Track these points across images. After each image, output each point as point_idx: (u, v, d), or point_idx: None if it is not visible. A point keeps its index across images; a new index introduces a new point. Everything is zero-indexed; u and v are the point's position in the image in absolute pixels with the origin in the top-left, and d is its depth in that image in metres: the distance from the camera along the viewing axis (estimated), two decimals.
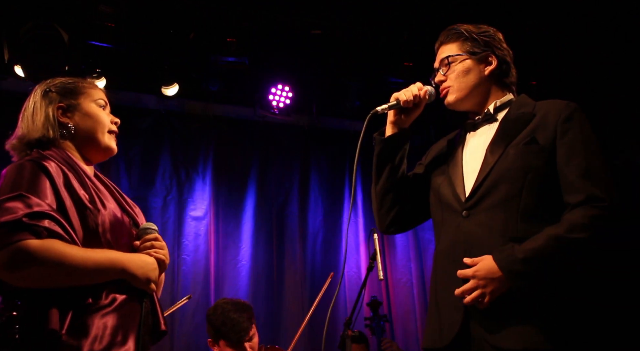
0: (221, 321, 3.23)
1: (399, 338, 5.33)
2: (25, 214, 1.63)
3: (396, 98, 2.15)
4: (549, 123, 1.94)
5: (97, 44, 4.45)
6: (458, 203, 1.99)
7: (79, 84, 2.03)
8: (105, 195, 1.87)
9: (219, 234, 5.13)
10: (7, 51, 4.28)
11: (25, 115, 1.99)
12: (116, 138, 2.02)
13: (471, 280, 1.83)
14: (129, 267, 1.76)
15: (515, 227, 1.86)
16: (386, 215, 2.20)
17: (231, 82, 5.12)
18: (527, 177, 1.89)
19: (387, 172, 2.17)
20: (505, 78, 2.13)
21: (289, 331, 4.99)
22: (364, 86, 5.29)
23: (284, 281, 5.22)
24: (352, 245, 5.51)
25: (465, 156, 2.09)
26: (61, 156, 1.86)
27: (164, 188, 5.05)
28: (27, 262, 1.62)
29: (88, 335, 1.64)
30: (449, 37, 2.17)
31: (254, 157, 5.45)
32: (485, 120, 2.10)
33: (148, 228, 1.90)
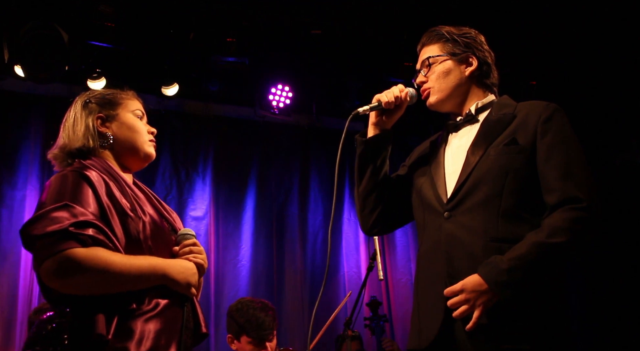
0: (246, 318, 3.27)
1: (398, 338, 5.33)
2: (71, 223, 1.68)
3: (378, 100, 2.16)
4: (529, 124, 1.95)
5: (97, 44, 4.45)
6: (440, 204, 1.99)
7: (118, 95, 2.10)
8: (145, 203, 1.93)
9: (219, 234, 5.13)
10: (7, 51, 4.28)
11: (66, 126, 2.03)
12: (155, 146, 2.08)
13: (460, 294, 1.82)
14: (170, 273, 1.81)
15: (495, 228, 1.86)
16: (369, 216, 2.20)
17: (231, 82, 5.13)
18: (507, 178, 1.90)
19: (369, 173, 2.17)
20: (486, 79, 2.13)
21: (289, 331, 4.99)
22: (364, 86, 5.29)
23: (284, 281, 5.23)
24: (352, 245, 5.51)
25: (447, 157, 2.10)
26: (101, 165, 1.91)
27: (164, 188, 5.05)
28: (74, 269, 1.67)
29: (133, 339, 1.70)
30: (430, 39, 2.18)
31: (254, 157, 5.45)
32: (466, 120, 2.11)
33: (186, 233, 1.95)
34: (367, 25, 4.85)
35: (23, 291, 4.37)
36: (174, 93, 4.89)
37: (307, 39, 4.84)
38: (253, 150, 5.46)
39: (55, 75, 4.36)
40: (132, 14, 4.45)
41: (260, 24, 4.74)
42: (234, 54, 4.69)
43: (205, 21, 4.62)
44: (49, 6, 4.23)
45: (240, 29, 4.67)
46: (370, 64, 5.13)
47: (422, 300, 1.99)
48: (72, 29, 4.30)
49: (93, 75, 4.56)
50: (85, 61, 4.55)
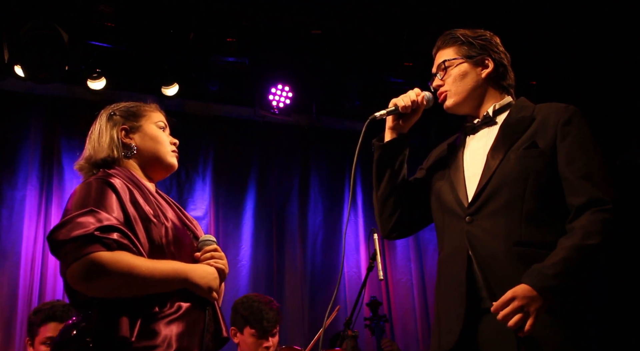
0: (250, 310, 3.37)
1: (398, 338, 5.33)
2: (96, 228, 1.74)
3: (394, 104, 2.16)
4: (549, 127, 1.95)
5: (97, 44, 4.45)
6: (461, 208, 1.99)
7: (141, 107, 2.16)
8: (167, 210, 1.98)
9: (219, 234, 5.13)
10: (7, 51, 4.28)
11: (92, 138, 2.09)
12: (177, 156, 2.14)
13: (511, 303, 1.76)
14: (192, 277, 1.86)
15: (518, 232, 1.87)
16: (388, 221, 2.20)
17: (231, 82, 5.13)
18: (528, 181, 1.90)
19: (387, 178, 2.18)
20: (502, 81, 2.14)
21: (289, 331, 4.99)
22: (364, 86, 5.29)
23: (284, 281, 5.22)
24: (352, 245, 5.51)
25: (466, 160, 2.09)
26: (125, 174, 1.97)
27: (164, 188, 5.04)
28: (99, 272, 1.72)
29: (156, 341, 1.74)
30: (445, 42, 2.18)
31: (254, 157, 5.45)
32: (484, 123, 2.11)
33: (207, 239, 2.01)
34: (367, 25, 4.85)
35: (23, 291, 4.37)
36: (174, 93, 4.88)
37: (307, 39, 4.84)
38: (253, 150, 5.46)
39: (55, 75, 4.36)
40: (132, 14, 4.45)
41: (260, 24, 4.74)
42: (234, 54, 4.69)
43: (205, 21, 4.62)
44: (49, 6, 4.23)
45: (240, 29, 4.67)
46: (370, 64, 5.13)
47: (443, 306, 1.98)
48: (72, 29, 4.30)
49: (93, 75, 4.56)
50: (85, 61, 4.55)
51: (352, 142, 6.47)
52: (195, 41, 4.65)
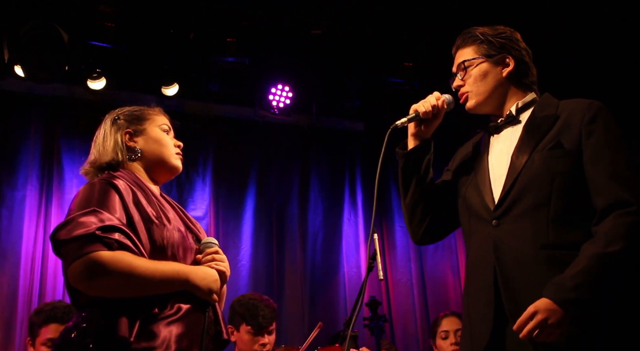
0: (246, 307, 3.43)
1: (398, 338, 5.33)
2: (98, 228, 1.75)
3: (415, 110, 2.13)
4: (573, 125, 1.92)
5: (97, 44, 4.44)
6: (487, 212, 1.97)
7: (145, 111, 2.20)
8: (170, 213, 2.00)
9: (219, 234, 5.12)
10: (7, 51, 4.28)
11: (97, 143, 2.12)
12: (182, 159, 2.17)
13: (535, 316, 1.75)
14: (193, 279, 1.87)
15: (546, 234, 1.85)
16: (419, 227, 2.19)
17: (231, 82, 5.12)
18: (554, 183, 1.88)
19: (414, 184, 2.15)
20: (524, 78, 2.11)
21: (289, 330, 4.99)
22: (364, 86, 5.28)
23: (284, 281, 5.22)
24: (352, 245, 5.51)
25: (491, 161, 2.07)
26: (129, 176, 2.00)
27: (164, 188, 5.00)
28: (100, 272, 1.73)
29: (155, 342, 1.75)
30: (464, 41, 2.16)
31: (254, 157, 5.44)
32: (508, 122, 2.09)
33: (209, 242, 2.04)
34: (367, 25, 4.84)
35: (23, 291, 4.37)
36: (174, 93, 4.88)
37: (307, 39, 4.84)
38: (253, 150, 5.46)
39: (55, 75, 4.36)
40: (132, 14, 4.45)
41: (260, 24, 4.74)
42: (234, 54, 4.69)
43: (205, 21, 4.61)
44: (49, 6, 4.23)
45: (240, 29, 4.67)
46: (370, 64, 5.13)
47: (472, 310, 1.97)
48: (72, 29, 4.29)
49: (93, 75, 4.56)
50: (85, 61, 4.55)
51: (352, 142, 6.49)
52: (195, 41, 4.65)
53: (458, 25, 2.22)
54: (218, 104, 5.36)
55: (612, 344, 1.80)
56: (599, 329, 1.79)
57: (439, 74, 5.16)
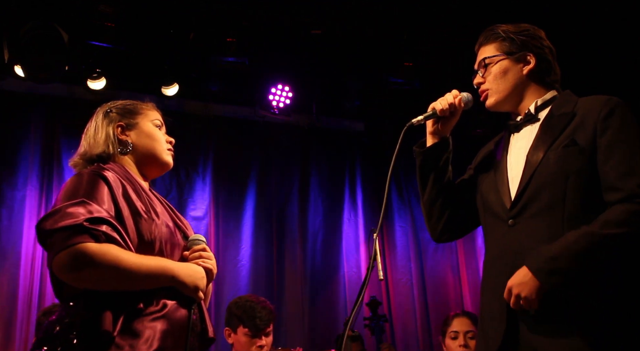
0: (243, 309, 3.41)
1: (398, 338, 5.33)
2: (86, 219, 1.73)
3: (432, 108, 2.13)
4: (589, 122, 1.91)
5: (97, 44, 4.44)
6: (503, 211, 1.97)
7: (138, 105, 2.17)
8: (159, 208, 1.97)
9: (219, 234, 5.13)
10: (7, 51, 4.28)
11: (88, 135, 2.09)
12: (173, 155, 2.16)
13: (511, 292, 1.83)
14: (179, 275, 1.85)
15: (561, 233, 1.84)
16: (437, 224, 2.20)
17: (231, 82, 5.13)
18: (568, 181, 1.87)
19: (431, 182, 2.16)
20: (546, 76, 2.10)
21: (289, 331, 4.99)
22: (364, 86, 5.28)
23: (284, 281, 5.22)
24: (352, 245, 5.51)
25: (510, 160, 2.07)
26: (119, 170, 1.97)
27: (163, 188, 5.04)
28: (86, 263, 1.71)
29: (139, 338, 1.73)
30: (486, 38, 2.15)
31: (254, 157, 5.45)
32: (527, 120, 2.07)
33: (196, 239, 2.00)
34: (367, 25, 4.84)
35: (23, 291, 4.37)
36: (174, 93, 4.88)
37: (307, 39, 4.84)
38: (253, 150, 5.46)
39: (55, 75, 4.36)
40: (132, 14, 4.45)
41: (260, 24, 4.74)
42: (234, 54, 4.69)
43: (205, 21, 4.62)
44: (49, 6, 4.23)
45: (240, 29, 4.67)
46: (370, 64, 5.13)
47: (487, 309, 1.98)
48: (72, 29, 4.29)
49: (93, 75, 4.56)
50: (85, 61, 4.55)
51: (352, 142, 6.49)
52: (195, 41, 4.65)
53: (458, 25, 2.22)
54: (218, 104, 5.36)
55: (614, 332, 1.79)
56: (602, 321, 1.78)
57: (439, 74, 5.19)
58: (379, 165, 5.75)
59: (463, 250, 5.72)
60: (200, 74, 4.99)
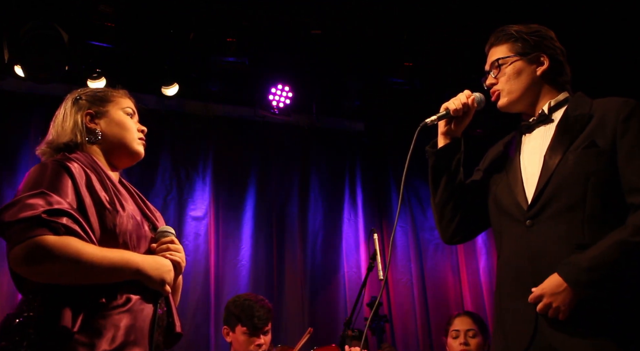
0: (241, 308, 3.42)
1: (398, 338, 5.33)
2: (44, 211, 1.67)
3: (445, 108, 2.12)
4: (608, 124, 1.90)
5: (97, 44, 4.44)
6: (520, 212, 1.95)
7: (109, 92, 2.11)
8: (126, 199, 1.92)
9: (219, 234, 5.13)
10: (7, 51, 4.28)
11: (56, 122, 2.06)
12: (144, 145, 2.09)
13: (542, 300, 1.81)
14: (144, 268, 1.79)
15: (581, 235, 1.83)
16: (448, 226, 2.17)
17: (231, 82, 5.13)
18: (589, 183, 1.85)
19: (444, 183, 2.14)
20: (558, 77, 2.09)
21: (289, 331, 4.99)
22: (364, 86, 5.28)
23: (284, 281, 5.22)
24: (352, 245, 5.51)
25: (523, 161, 2.05)
26: (86, 159, 1.91)
27: (164, 188, 5.04)
28: (44, 256, 1.65)
29: (101, 334, 1.67)
30: (498, 39, 2.13)
31: (254, 157, 5.44)
32: (540, 121, 2.06)
33: (165, 231, 1.94)
34: (367, 25, 4.84)
35: None
36: (174, 93, 4.88)
37: (307, 39, 4.84)
38: (253, 150, 5.46)
39: (55, 75, 4.36)
40: (132, 14, 4.45)
41: (260, 24, 4.74)
42: (234, 54, 4.69)
43: (205, 21, 4.61)
44: (49, 6, 4.23)
45: (240, 29, 4.67)
46: (370, 64, 5.13)
47: (508, 311, 1.95)
48: (72, 29, 4.29)
49: (93, 75, 4.56)
50: (85, 61, 4.55)
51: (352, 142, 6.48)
52: (195, 41, 4.65)
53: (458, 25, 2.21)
54: (218, 104, 5.36)
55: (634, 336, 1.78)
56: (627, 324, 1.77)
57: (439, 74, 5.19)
58: (379, 165, 5.75)
59: (463, 250, 5.72)
60: (200, 74, 4.99)
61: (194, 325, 4.79)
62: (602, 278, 1.76)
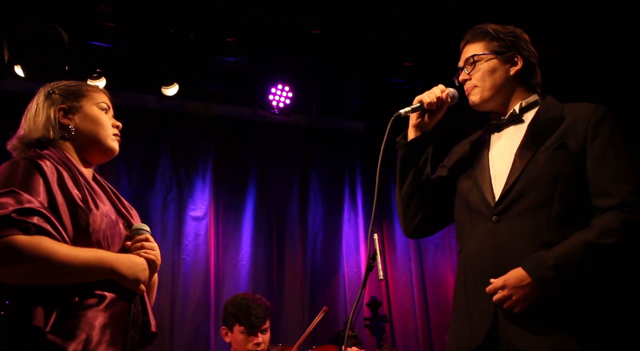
0: (238, 308, 3.42)
1: (398, 338, 5.33)
2: (14, 210, 1.63)
3: (419, 101, 2.14)
4: (579, 128, 1.93)
5: (97, 44, 4.44)
6: (487, 208, 1.97)
7: (83, 87, 2.05)
8: (100, 196, 1.88)
9: (219, 234, 5.13)
10: (7, 51, 4.28)
11: (28, 116, 2.01)
12: (119, 141, 2.04)
13: (502, 290, 1.84)
14: (118, 267, 1.76)
15: (547, 234, 1.85)
16: (412, 219, 2.19)
17: (231, 82, 5.13)
18: (558, 183, 1.88)
19: (411, 176, 2.15)
20: (530, 79, 2.12)
21: (289, 331, 4.99)
22: (364, 86, 5.29)
23: (284, 281, 5.22)
24: (352, 245, 5.51)
25: (492, 159, 2.07)
26: (58, 156, 1.87)
27: (164, 188, 5.04)
28: (14, 257, 1.62)
29: (74, 334, 1.64)
30: (475, 36, 2.15)
31: (254, 157, 5.45)
32: (510, 121, 2.09)
33: (140, 229, 1.90)
34: (367, 25, 4.84)
35: None
36: (174, 93, 4.89)
37: (307, 39, 4.84)
38: (253, 150, 5.46)
39: (55, 75, 4.35)
40: (132, 14, 4.45)
41: (260, 24, 4.74)
42: (234, 54, 4.69)
43: (205, 21, 4.61)
44: (49, 6, 4.23)
45: (240, 29, 4.67)
46: (370, 64, 5.13)
47: (473, 304, 1.97)
48: (72, 29, 4.29)
49: (93, 75, 4.56)
50: (85, 61, 4.55)
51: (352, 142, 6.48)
52: (195, 41, 4.65)
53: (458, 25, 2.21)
54: (218, 104, 5.36)
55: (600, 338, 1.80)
56: (588, 322, 1.79)
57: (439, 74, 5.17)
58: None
59: None
60: (200, 74, 4.99)
61: (194, 325, 4.79)
62: (566, 277, 1.79)
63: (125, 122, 2.15)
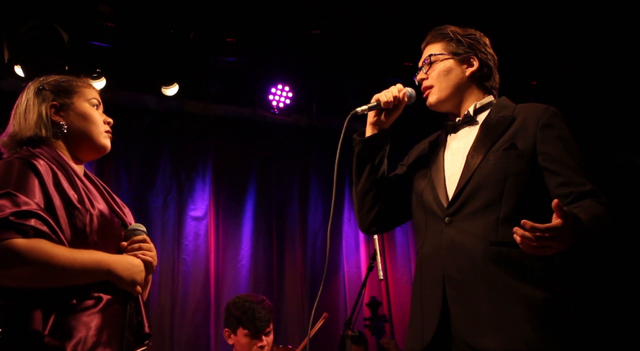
0: (242, 310, 3.37)
1: (398, 338, 5.33)
2: (12, 213, 1.62)
3: (377, 99, 2.18)
4: (529, 128, 1.96)
5: (97, 44, 4.45)
6: (440, 209, 1.99)
7: (73, 82, 2.04)
8: (95, 196, 1.86)
9: (219, 234, 5.13)
10: (7, 51, 4.28)
11: (18, 113, 1.97)
12: (111, 137, 2.02)
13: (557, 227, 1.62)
14: (115, 269, 1.75)
15: (495, 232, 1.87)
16: (367, 215, 2.22)
17: (231, 82, 5.13)
18: (506, 183, 1.90)
19: (367, 172, 2.21)
20: (486, 81, 2.14)
21: (289, 331, 4.99)
22: (364, 86, 5.29)
23: (284, 281, 5.23)
24: (352, 245, 5.51)
25: (447, 160, 2.10)
26: (51, 155, 1.84)
27: (164, 188, 5.04)
28: (13, 261, 1.60)
29: (71, 336, 1.63)
30: (434, 37, 2.20)
31: (254, 157, 5.45)
32: (465, 122, 2.12)
33: (136, 229, 1.89)
34: (367, 25, 4.85)
35: None
36: (174, 93, 4.89)
37: (307, 39, 4.85)
38: (253, 150, 5.46)
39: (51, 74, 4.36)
40: (132, 14, 4.45)
41: (260, 24, 4.74)
42: (234, 54, 4.70)
43: (205, 21, 4.62)
44: (49, 6, 4.23)
45: (240, 29, 4.67)
46: (370, 64, 5.13)
47: (426, 303, 1.98)
48: (72, 29, 4.30)
49: (93, 75, 4.56)
50: (85, 61, 4.55)
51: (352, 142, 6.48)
52: (195, 41, 4.65)
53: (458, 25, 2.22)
54: (218, 104, 5.37)
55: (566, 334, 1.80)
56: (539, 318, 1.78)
57: None
58: None
59: None
60: (200, 74, 5.00)
61: (194, 325, 4.79)
62: (588, 244, 1.75)
63: (125, 122, 2.13)
